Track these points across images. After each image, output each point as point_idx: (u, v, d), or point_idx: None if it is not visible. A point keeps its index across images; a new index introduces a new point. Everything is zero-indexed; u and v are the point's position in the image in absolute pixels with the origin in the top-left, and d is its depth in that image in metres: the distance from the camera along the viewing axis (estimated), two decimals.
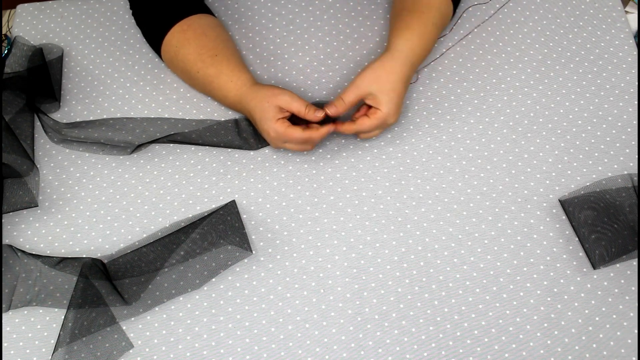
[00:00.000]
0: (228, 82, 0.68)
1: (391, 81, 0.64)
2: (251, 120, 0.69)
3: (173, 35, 0.69)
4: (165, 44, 0.70)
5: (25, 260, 0.64)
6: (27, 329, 0.63)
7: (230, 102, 0.69)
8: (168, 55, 0.71)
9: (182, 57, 0.69)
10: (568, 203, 0.66)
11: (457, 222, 0.67)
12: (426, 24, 0.68)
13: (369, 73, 0.64)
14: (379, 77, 0.64)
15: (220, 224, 0.66)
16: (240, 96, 0.68)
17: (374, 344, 0.61)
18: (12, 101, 0.72)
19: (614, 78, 0.73)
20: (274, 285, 0.64)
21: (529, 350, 0.61)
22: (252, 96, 0.66)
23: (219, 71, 0.68)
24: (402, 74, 0.65)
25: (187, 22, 0.69)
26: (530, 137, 0.71)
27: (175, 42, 0.69)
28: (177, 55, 0.70)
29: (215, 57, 0.68)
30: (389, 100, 0.64)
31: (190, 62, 0.69)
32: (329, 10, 0.79)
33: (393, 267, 0.65)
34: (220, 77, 0.68)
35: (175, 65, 0.71)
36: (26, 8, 0.81)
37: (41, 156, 0.71)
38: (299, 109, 0.64)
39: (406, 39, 0.67)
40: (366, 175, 0.69)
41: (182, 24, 0.69)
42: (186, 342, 0.62)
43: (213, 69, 0.68)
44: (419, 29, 0.67)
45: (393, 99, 0.64)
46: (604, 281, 0.63)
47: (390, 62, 0.65)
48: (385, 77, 0.64)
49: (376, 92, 0.64)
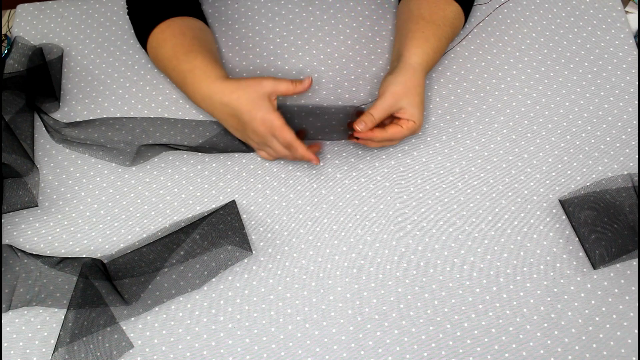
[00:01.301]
0: (201, 76, 0.66)
1: (419, 94, 0.65)
2: (224, 116, 0.65)
3: (153, 37, 0.70)
4: (148, 47, 0.71)
5: (25, 260, 0.64)
6: (27, 329, 0.63)
7: (200, 96, 0.66)
8: (152, 57, 0.72)
9: (160, 57, 0.70)
10: (568, 203, 0.66)
11: (457, 222, 0.67)
12: (441, 38, 0.69)
13: (399, 88, 0.64)
14: (409, 90, 0.65)
15: (220, 224, 0.66)
16: (212, 90, 0.65)
17: (374, 344, 0.61)
18: (12, 101, 0.72)
19: (614, 78, 0.73)
20: (274, 285, 0.64)
21: (529, 350, 0.61)
22: (232, 88, 0.63)
23: (192, 66, 0.67)
24: (423, 86, 0.67)
25: (166, 23, 0.70)
26: (530, 137, 0.71)
27: (154, 44, 0.70)
28: (157, 56, 0.70)
29: (189, 54, 0.67)
30: (420, 113, 0.65)
31: (166, 60, 0.69)
32: (329, 10, 0.79)
33: (393, 267, 0.65)
34: (194, 71, 0.66)
35: (158, 66, 0.72)
36: (26, 8, 0.81)
37: (41, 156, 0.71)
38: (287, 87, 0.63)
39: (425, 52, 0.67)
40: (366, 175, 0.69)
41: (162, 25, 0.69)
42: (186, 342, 0.62)
43: (187, 65, 0.67)
44: (435, 43, 0.68)
45: (422, 111, 0.66)
46: (604, 281, 0.63)
47: (415, 75, 0.66)
48: (414, 90, 0.65)
49: (407, 105, 0.65)
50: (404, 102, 0.64)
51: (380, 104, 0.64)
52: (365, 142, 0.66)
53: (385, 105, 0.64)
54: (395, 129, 0.65)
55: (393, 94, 0.64)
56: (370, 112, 0.64)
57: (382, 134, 0.65)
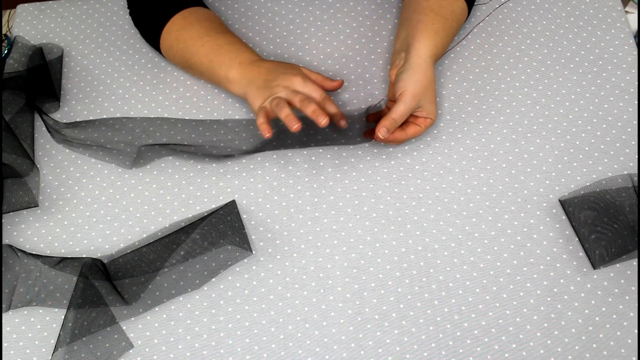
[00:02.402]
0: (241, 47, 0.68)
1: (433, 89, 0.66)
2: (257, 74, 0.66)
3: (174, 22, 0.70)
4: (165, 32, 0.70)
5: (25, 260, 0.64)
6: (27, 329, 0.63)
7: (238, 61, 0.67)
8: (167, 42, 0.71)
9: (183, 38, 0.69)
10: (568, 203, 0.66)
11: (457, 222, 0.67)
12: (448, 33, 0.69)
13: (418, 88, 0.64)
14: (426, 88, 0.64)
15: (220, 224, 0.66)
16: (255, 58, 0.67)
17: (374, 344, 0.61)
18: (12, 101, 0.72)
19: (614, 78, 0.74)
20: (274, 285, 0.64)
21: (529, 350, 0.61)
22: (274, 61, 0.68)
23: (231, 41, 0.69)
24: (434, 79, 0.66)
25: (189, 10, 0.70)
26: (530, 137, 0.71)
27: (176, 27, 0.70)
28: (179, 38, 0.70)
29: (225, 33, 0.70)
30: (435, 108, 0.66)
31: (194, 39, 0.69)
32: (329, 10, 0.79)
33: (393, 267, 0.65)
34: (233, 44, 0.68)
35: (175, 50, 0.71)
36: (26, 8, 0.81)
37: (41, 156, 0.71)
38: (317, 76, 0.68)
39: (435, 45, 0.66)
40: (366, 175, 0.69)
41: (184, 12, 0.70)
42: (186, 342, 0.62)
43: (224, 39, 0.68)
44: (444, 37, 0.68)
45: (436, 105, 0.66)
46: (604, 281, 0.63)
47: (429, 70, 0.65)
48: (429, 86, 0.65)
49: (425, 103, 0.65)
50: (423, 100, 0.64)
51: (402, 107, 0.63)
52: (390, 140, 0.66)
53: (408, 109, 0.64)
54: (414, 129, 0.66)
55: (414, 95, 0.63)
56: (393, 117, 0.63)
57: (402, 135, 0.66)
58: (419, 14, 0.69)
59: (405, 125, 0.67)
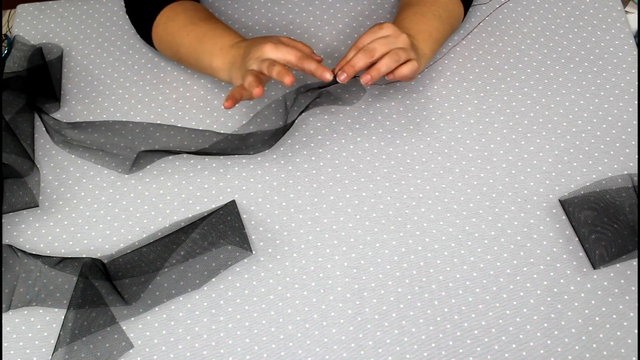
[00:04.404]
0: (223, 32, 0.68)
1: None
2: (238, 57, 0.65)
3: (163, 15, 0.70)
4: (155, 25, 0.71)
5: (25, 260, 0.64)
6: (27, 329, 0.63)
7: (219, 47, 0.66)
8: (158, 36, 0.71)
9: (171, 29, 0.70)
10: (568, 203, 0.66)
11: (457, 222, 0.67)
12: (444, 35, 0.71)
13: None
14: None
15: (220, 224, 0.66)
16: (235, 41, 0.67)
17: (374, 344, 0.61)
18: (12, 101, 0.72)
19: (614, 78, 0.74)
20: (274, 285, 0.64)
21: (529, 350, 0.61)
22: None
23: (214, 27, 0.69)
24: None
25: (177, 2, 0.71)
26: (530, 137, 0.71)
27: (164, 20, 0.70)
28: (166, 30, 0.70)
29: (209, 20, 0.70)
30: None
31: (180, 29, 0.69)
32: (329, 10, 0.79)
33: (393, 267, 0.65)
34: (215, 30, 0.68)
35: (165, 43, 0.71)
36: (26, 8, 0.81)
37: (41, 156, 0.71)
38: (287, 40, 0.65)
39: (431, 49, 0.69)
40: (366, 175, 0.69)
41: (173, 4, 0.71)
42: (186, 342, 0.62)
43: (207, 26, 0.69)
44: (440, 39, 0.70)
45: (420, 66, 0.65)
46: (604, 281, 0.63)
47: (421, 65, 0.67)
48: None
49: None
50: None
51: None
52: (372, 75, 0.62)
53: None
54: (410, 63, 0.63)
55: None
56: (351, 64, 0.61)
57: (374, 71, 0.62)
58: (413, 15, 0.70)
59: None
